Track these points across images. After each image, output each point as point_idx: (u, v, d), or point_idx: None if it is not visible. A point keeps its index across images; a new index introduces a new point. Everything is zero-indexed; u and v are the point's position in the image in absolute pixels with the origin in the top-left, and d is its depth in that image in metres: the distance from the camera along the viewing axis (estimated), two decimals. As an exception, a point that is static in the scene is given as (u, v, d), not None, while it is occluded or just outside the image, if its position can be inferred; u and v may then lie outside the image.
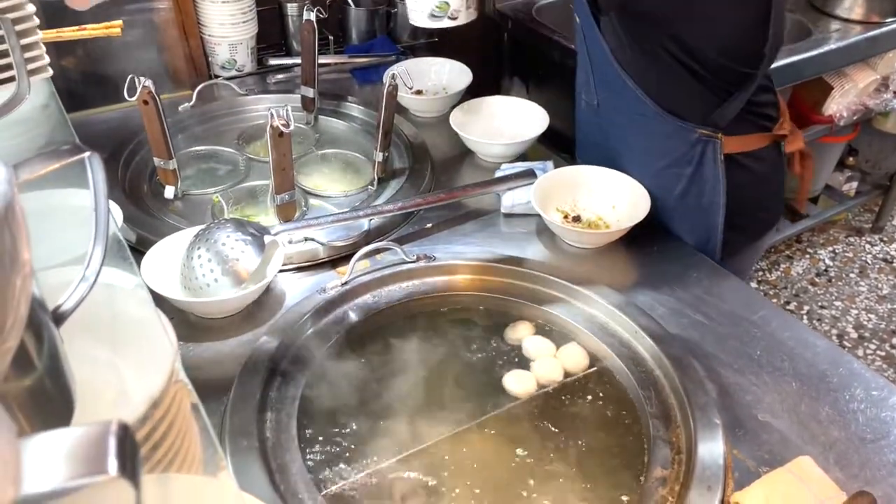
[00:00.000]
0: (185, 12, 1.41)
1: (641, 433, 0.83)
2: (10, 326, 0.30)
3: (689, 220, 1.14)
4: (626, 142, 1.15)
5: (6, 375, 0.31)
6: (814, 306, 2.41)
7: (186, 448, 0.49)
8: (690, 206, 1.13)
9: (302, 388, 0.86)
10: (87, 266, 0.38)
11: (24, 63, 0.54)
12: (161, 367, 0.49)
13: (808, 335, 0.96)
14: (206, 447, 0.48)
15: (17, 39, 0.54)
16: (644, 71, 1.05)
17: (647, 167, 1.12)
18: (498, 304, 1.00)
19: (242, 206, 1.18)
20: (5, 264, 0.29)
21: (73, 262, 0.74)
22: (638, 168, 1.13)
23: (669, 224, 1.15)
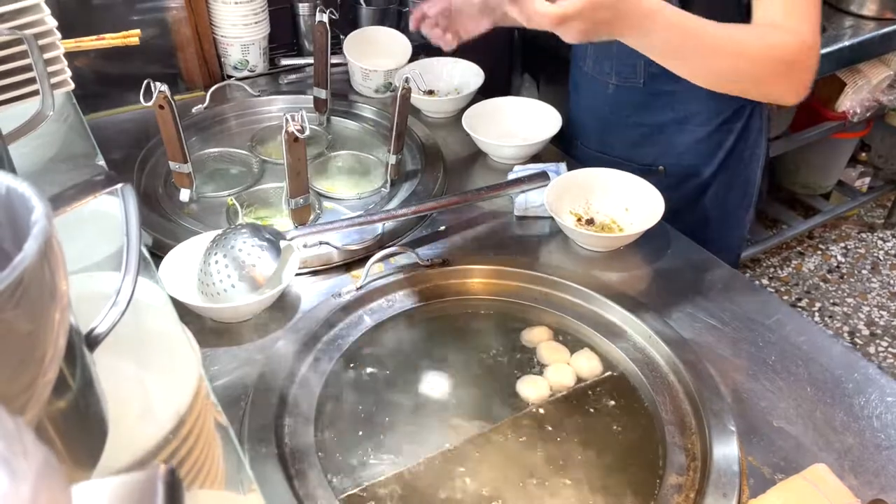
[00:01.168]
0: (198, 13, 1.42)
1: (656, 439, 0.83)
2: (49, 359, 0.31)
3: (729, 177, 1.20)
4: (681, 108, 1.16)
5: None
6: (825, 303, 2.40)
7: (210, 464, 0.50)
8: (732, 163, 1.19)
9: (319, 393, 0.87)
10: (118, 293, 0.38)
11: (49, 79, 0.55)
12: (187, 382, 0.50)
13: (824, 339, 0.96)
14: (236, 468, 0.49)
15: (42, 56, 0.55)
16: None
17: (700, 128, 1.14)
18: (512, 309, 1.01)
19: (256, 209, 1.19)
20: (45, 299, 0.30)
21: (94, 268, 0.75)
22: (687, 134, 1.16)
23: (706, 190, 1.20)
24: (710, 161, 1.21)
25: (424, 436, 0.84)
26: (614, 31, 0.87)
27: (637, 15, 0.85)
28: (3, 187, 0.33)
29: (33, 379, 0.30)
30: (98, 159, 0.68)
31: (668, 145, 1.21)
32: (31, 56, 0.54)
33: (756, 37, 0.94)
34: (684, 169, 1.22)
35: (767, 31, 0.94)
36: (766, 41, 0.93)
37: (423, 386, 0.90)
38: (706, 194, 1.24)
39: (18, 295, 0.28)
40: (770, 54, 0.93)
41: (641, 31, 0.88)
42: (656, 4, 0.87)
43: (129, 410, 0.49)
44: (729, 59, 0.93)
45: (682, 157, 1.21)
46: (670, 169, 1.23)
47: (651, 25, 0.87)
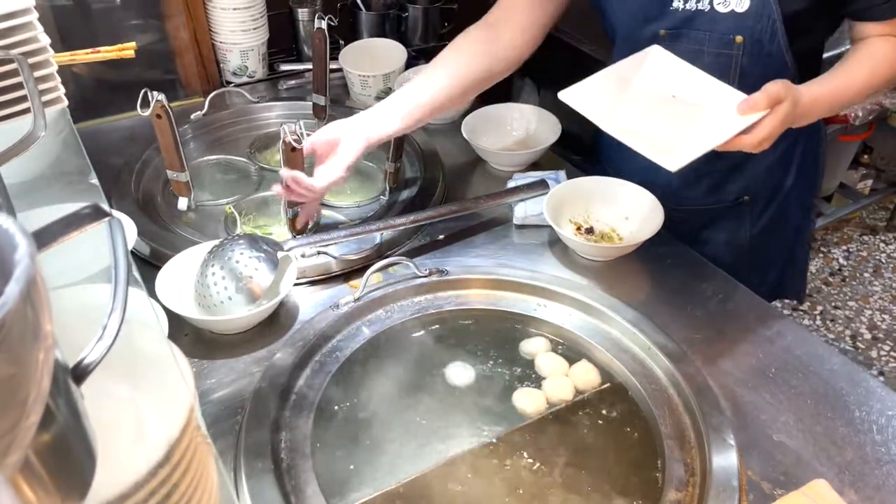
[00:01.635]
0: (197, 19, 1.41)
1: (655, 453, 0.83)
2: (33, 401, 0.30)
3: (805, 178, 1.21)
4: None
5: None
6: (827, 306, 2.40)
7: (203, 491, 0.50)
8: (806, 165, 1.20)
9: (316, 406, 0.86)
10: (104, 328, 0.38)
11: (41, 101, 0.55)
12: (178, 407, 0.50)
13: (824, 351, 0.96)
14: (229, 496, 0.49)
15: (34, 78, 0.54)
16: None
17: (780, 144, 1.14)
18: (510, 320, 1.00)
19: (255, 217, 1.19)
20: (27, 340, 0.30)
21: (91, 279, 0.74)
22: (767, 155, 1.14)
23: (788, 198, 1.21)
24: (789, 170, 1.19)
25: (422, 450, 0.83)
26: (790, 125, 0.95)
27: (806, 109, 0.95)
28: (-13, 223, 0.33)
29: (16, 422, 0.30)
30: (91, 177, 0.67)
31: (751, 174, 1.18)
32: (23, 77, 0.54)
33: (885, 61, 1.02)
34: (770, 190, 1.20)
35: (892, 52, 1.02)
36: (891, 61, 1.02)
37: (420, 398, 0.90)
38: (788, 203, 1.22)
39: (1, 340, 0.28)
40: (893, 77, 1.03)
41: (809, 118, 0.99)
42: (814, 93, 0.96)
43: (118, 435, 0.48)
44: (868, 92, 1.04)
45: (765, 180, 1.19)
46: (757, 195, 1.20)
47: (815, 110, 0.98)
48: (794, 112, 0.92)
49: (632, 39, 1.10)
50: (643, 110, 0.98)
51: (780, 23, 0.98)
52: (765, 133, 0.90)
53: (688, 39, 1.04)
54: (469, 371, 0.93)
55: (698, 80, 0.98)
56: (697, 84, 0.98)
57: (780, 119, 0.90)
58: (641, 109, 0.98)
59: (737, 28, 1.00)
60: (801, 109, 0.94)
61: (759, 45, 1.01)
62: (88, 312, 0.46)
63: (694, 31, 1.03)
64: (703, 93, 0.97)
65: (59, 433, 0.35)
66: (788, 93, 0.91)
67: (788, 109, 0.90)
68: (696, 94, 0.98)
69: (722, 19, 1.00)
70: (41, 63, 0.59)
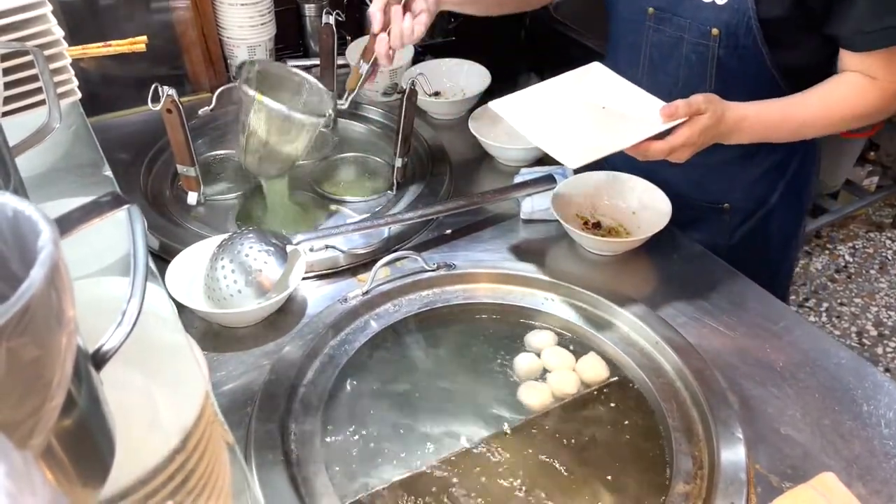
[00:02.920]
0: (204, 15, 1.42)
1: (663, 447, 0.83)
2: (56, 384, 0.31)
3: (792, 198, 1.20)
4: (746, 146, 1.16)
5: (52, 427, 0.32)
6: (833, 303, 2.39)
7: (217, 478, 0.50)
8: (795, 185, 1.19)
9: (325, 399, 0.87)
10: (124, 314, 0.38)
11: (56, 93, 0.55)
12: (193, 395, 0.50)
13: (831, 346, 0.96)
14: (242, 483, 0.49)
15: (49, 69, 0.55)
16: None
17: (768, 158, 1.16)
18: (518, 313, 1.01)
19: (262, 211, 1.19)
20: (51, 325, 0.30)
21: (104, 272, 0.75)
22: (755, 167, 1.17)
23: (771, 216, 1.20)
24: (775, 187, 1.18)
25: (428, 443, 0.84)
26: (714, 141, 0.97)
27: (731, 126, 0.96)
28: (10, 209, 0.33)
29: (40, 404, 0.30)
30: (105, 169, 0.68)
31: (734, 181, 1.18)
32: (39, 69, 0.54)
33: (843, 102, 1.01)
34: (752, 203, 1.19)
35: (854, 93, 1.00)
36: (852, 105, 1.01)
37: (428, 392, 0.90)
38: (771, 220, 1.21)
39: (25, 323, 0.28)
40: (854, 114, 1.01)
41: (738, 137, 0.98)
42: (742, 110, 0.97)
43: (135, 423, 0.49)
44: (818, 130, 1.04)
45: (749, 190, 1.18)
46: (737, 204, 1.20)
47: (743, 130, 0.98)
48: (716, 127, 0.93)
49: (624, 15, 1.13)
50: (571, 119, 1.01)
51: (755, 21, 0.98)
52: (679, 141, 0.91)
53: (671, 25, 1.06)
54: (477, 365, 0.93)
55: (630, 92, 1.02)
56: (628, 96, 1.01)
57: (696, 130, 0.91)
58: (569, 118, 1.01)
59: (715, 20, 1.01)
60: (726, 126, 0.95)
61: (735, 39, 1.01)
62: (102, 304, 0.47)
63: (677, 17, 1.05)
64: (632, 104, 1.00)
65: (80, 418, 0.35)
66: (710, 106, 0.92)
67: (707, 123, 0.91)
68: (625, 105, 1.00)
69: (704, 8, 1.01)
70: (55, 56, 0.59)
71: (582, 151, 0.92)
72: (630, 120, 0.97)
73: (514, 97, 1.04)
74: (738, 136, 0.98)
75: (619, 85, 1.04)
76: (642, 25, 1.09)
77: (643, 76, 1.12)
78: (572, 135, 0.98)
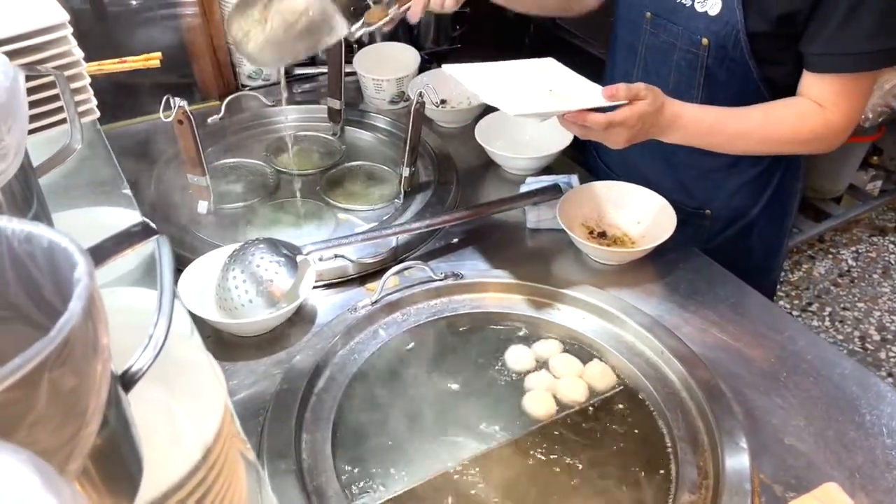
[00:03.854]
0: (213, 24, 1.43)
1: (668, 456, 0.84)
2: (92, 411, 0.32)
3: (773, 211, 1.22)
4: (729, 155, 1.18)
5: (86, 450, 0.33)
6: (836, 308, 2.40)
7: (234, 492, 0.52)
8: (777, 198, 1.21)
9: (336, 408, 0.88)
10: (151, 336, 0.40)
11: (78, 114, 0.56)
12: (213, 410, 0.52)
13: (835, 356, 0.97)
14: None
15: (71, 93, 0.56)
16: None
17: (750, 170, 1.18)
18: (524, 322, 1.02)
19: (271, 220, 1.21)
20: (88, 354, 0.31)
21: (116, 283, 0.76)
22: (737, 177, 1.18)
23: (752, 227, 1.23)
24: (757, 201, 1.20)
25: (437, 451, 0.85)
26: (652, 136, 0.99)
27: (667, 120, 0.98)
28: (46, 240, 0.35)
29: (77, 430, 0.31)
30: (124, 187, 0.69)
31: (718, 189, 1.20)
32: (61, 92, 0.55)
33: (783, 122, 1.02)
34: (732, 211, 1.21)
35: (797, 115, 1.02)
36: (792, 126, 1.02)
37: (437, 401, 0.91)
38: (752, 233, 1.23)
39: (65, 354, 0.29)
40: (794, 138, 1.03)
41: (672, 132, 1.00)
42: (679, 108, 0.99)
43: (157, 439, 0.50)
44: (754, 144, 1.06)
45: (731, 199, 1.20)
46: (719, 212, 1.21)
47: (678, 127, 0.99)
48: (654, 115, 0.95)
49: (624, 17, 1.17)
50: (519, 89, 1.03)
51: (743, 35, 1.00)
52: (618, 118, 0.92)
53: (665, 31, 1.09)
54: (485, 373, 0.95)
55: (578, 82, 1.04)
56: (576, 84, 1.04)
57: (636, 112, 0.93)
58: (518, 88, 1.03)
59: (706, 30, 1.03)
60: (664, 119, 0.97)
61: (724, 51, 1.03)
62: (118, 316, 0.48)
63: (671, 24, 1.07)
64: (578, 89, 1.02)
65: (111, 439, 0.36)
66: (650, 94, 0.94)
67: (646, 108, 0.93)
68: (571, 90, 1.02)
69: (696, 18, 1.04)
70: (75, 76, 0.61)
71: (523, 103, 0.95)
72: (574, 100, 0.99)
73: (469, 66, 1.06)
74: (674, 133, 1.00)
75: (569, 75, 1.07)
76: (640, 28, 1.13)
77: (637, 77, 1.15)
78: (517, 95, 1.00)
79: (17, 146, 0.47)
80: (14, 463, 0.24)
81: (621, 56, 1.19)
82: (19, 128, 0.47)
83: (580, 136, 0.98)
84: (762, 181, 1.20)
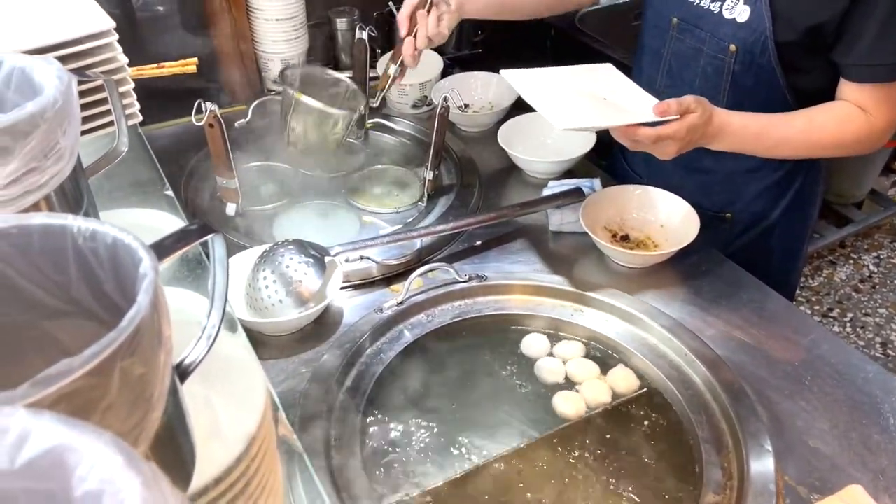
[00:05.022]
0: (241, 30, 1.46)
1: (693, 457, 0.85)
2: (157, 398, 0.34)
3: (794, 216, 1.23)
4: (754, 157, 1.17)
5: (147, 437, 0.35)
6: (857, 313, 2.39)
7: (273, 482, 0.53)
8: (798, 204, 1.22)
9: (363, 406, 0.90)
10: (204, 329, 0.41)
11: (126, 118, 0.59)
12: (254, 405, 0.53)
13: (859, 360, 0.97)
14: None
15: (119, 96, 0.58)
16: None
17: (771, 175, 1.19)
18: (548, 324, 1.03)
19: (297, 222, 1.23)
20: (154, 344, 0.33)
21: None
22: (758, 181, 1.20)
23: (772, 231, 1.23)
24: (777, 204, 1.21)
25: (464, 450, 0.87)
26: (701, 145, 1.01)
27: (715, 130, 0.99)
28: (110, 237, 0.36)
29: (144, 416, 0.33)
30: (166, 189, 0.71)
31: (739, 192, 1.21)
32: (110, 97, 0.58)
33: (826, 127, 1.03)
34: (753, 215, 1.22)
35: (840, 120, 1.03)
36: (834, 131, 1.03)
37: (462, 400, 0.93)
38: (772, 236, 1.24)
39: (135, 344, 0.31)
40: (837, 142, 1.04)
41: (719, 142, 1.02)
42: (726, 117, 1.00)
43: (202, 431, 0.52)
44: (797, 150, 1.07)
45: (752, 203, 1.22)
46: (739, 215, 1.23)
47: (725, 135, 1.01)
48: (704, 127, 0.97)
49: (651, 22, 1.19)
50: (572, 97, 1.05)
51: (771, 42, 1.02)
52: (668, 131, 0.94)
53: (692, 36, 1.10)
54: (509, 374, 0.96)
55: (632, 91, 1.06)
56: (630, 94, 1.05)
57: (685, 125, 0.94)
58: (571, 96, 1.05)
59: (733, 36, 1.05)
60: (712, 129, 0.98)
61: (751, 57, 1.05)
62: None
63: (698, 30, 1.09)
64: (631, 100, 1.04)
65: (170, 428, 0.38)
66: (700, 106, 0.96)
67: (696, 121, 0.95)
68: (625, 100, 1.04)
69: (724, 25, 1.05)
70: (121, 81, 0.63)
71: (571, 117, 0.98)
72: (626, 111, 1.01)
73: (526, 71, 1.08)
74: (721, 141, 1.02)
75: (625, 83, 1.08)
76: (666, 33, 1.14)
77: (662, 82, 1.16)
78: (568, 107, 1.02)
79: (72, 148, 0.49)
80: (97, 444, 0.26)
81: (647, 61, 1.21)
82: (73, 131, 0.49)
83: (630, 147, 0.99)
84: (783, 185, 1.20)
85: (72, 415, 0.27)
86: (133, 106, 0.65)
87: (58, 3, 0.65)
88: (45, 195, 0.48)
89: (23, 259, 0.37)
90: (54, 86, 0.47)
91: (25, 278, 0.38)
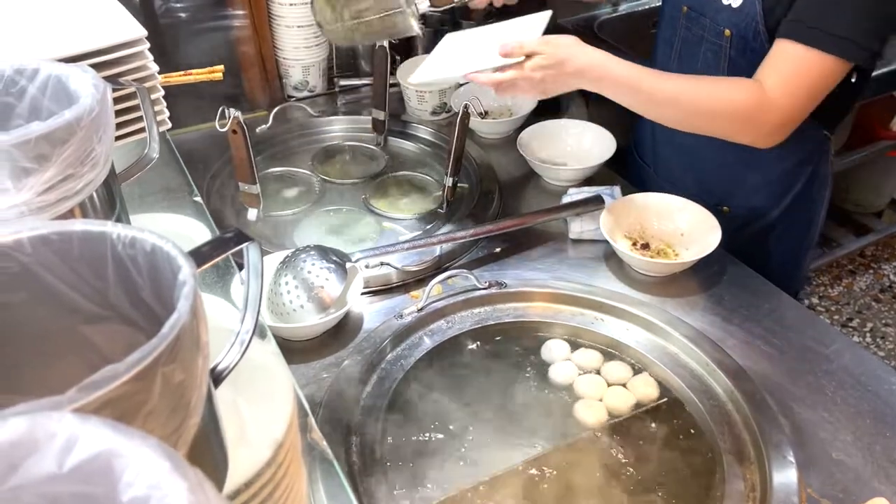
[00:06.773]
0: (262, 36, 1.47)
1: (715, 468, 0.84)
2: (195, 403, 0.34)
3: (795, 219, 1.24)
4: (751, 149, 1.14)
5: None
6: (877, 323, 2.36)
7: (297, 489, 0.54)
8: (799, 206, 1.22)
9: (383, 412, 0.90)
10: (237, 335, 0.42)
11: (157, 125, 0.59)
12: (282, 412, 0.54)
13: (882, 370, 0.96)
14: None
15: (152, 106, 0.59)
16: None
17: (770, 169, 1.19)
18: (568, 332, 1.03)
19: (317, 228, 1.23)
20: (193, 350, 0.34)
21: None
22: (758, 173, 1.20)
23: (771, 232, 1.24)
24: (778, 203, 1.22)
25: (485, 457, 0.87)
26: (568, 84, 1.02)
27: (573, 71, 1.00)
28: (149, 244, 0.37)
29: (182, 422, 0.34)
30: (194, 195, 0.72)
31: (736, 184, 1.22)
32: (142, 104, 0.59)
33: (715, 91, 1.02)
34: (751, 210, 1.22)
35: (731, 87, 1.02)
36: (723, 98, 1.01)
37: (482, 407, 0.93)
38: (770, 236, 1.24)
39: (175, 350, 0.32)
40: (724, 110, 1.01)
41: (590, 83, 1.02)
42: (597, 59, 1.00)
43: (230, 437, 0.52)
44: (682, 113, 1.04)
45: (750, 197, 1.22)
46: (737, 210, 1.22)
47: (595, 78, 1.00)
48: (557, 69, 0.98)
49: (666, 11, 1.23)
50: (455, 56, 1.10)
51: (762, 26, 1.04)
52: (506, 78, 0.99)
53: (697, 24, 1.14)
54: (529, 381, 0.96)
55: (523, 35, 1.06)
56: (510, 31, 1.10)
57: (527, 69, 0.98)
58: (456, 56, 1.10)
59: (728, 21, 1.08)
60: (569, 70, 0.99)
61: (744, 42, 1.07)
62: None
63: (702, 17, 1.12)
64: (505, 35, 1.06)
65: (205, 433, 0.39)
66: (548, 48, 0.99)
67: (541, 62, 0.98)
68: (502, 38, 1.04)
69: (721, 10, 1.09)
70: (151, 89, 0.64)
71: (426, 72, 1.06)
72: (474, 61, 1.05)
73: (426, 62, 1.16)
74: (593, 84, 1.02)
75: (530, 30, 1.09)
76: (677, 22, 1.18)
77: (673, 69, 1.17)
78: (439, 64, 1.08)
79: (106, 155, 0.50)
80: (143, 448, 0.26)
81: (661, 51, 1.25)
82: (108, 138, 0.50)
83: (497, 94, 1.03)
84: (784, 183, 1.21)
85: (116, 420, 0.27)
86: (163, 113, 0.66)
87: (90, 11, 0.66)
88: (80, 201, 0.49)
89: (63, 264, 0.38)
90: (90, 94, 0.48)
91: (65, 283, 0.39)
